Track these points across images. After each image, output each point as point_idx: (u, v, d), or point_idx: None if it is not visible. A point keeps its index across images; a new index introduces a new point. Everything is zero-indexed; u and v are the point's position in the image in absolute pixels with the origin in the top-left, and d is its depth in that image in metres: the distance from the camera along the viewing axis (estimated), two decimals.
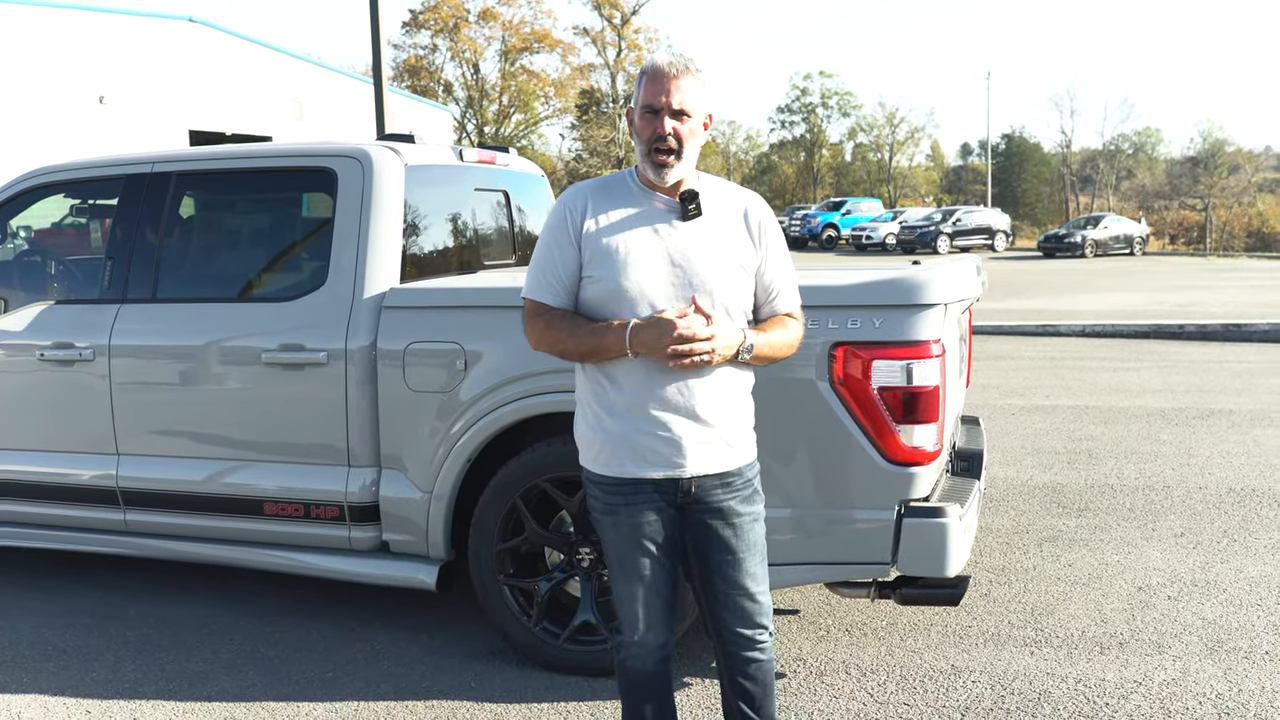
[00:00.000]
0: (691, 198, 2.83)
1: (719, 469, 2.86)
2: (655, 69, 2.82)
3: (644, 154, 2.82)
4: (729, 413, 2.87)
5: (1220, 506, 6.28)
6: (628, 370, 2.80)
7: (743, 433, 2.93)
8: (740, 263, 2.86)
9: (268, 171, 4.77)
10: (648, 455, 2.82)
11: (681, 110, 2.79)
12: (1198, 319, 15.35)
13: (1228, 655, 4.24)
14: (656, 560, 2.92)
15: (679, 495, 2.86)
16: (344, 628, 4.69)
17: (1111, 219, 44.04)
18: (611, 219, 2.85)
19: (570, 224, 2.87)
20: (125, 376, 4.65)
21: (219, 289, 4.72)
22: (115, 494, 4.73)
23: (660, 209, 2.86)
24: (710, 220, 2.86)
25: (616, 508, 2.89)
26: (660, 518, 2.88)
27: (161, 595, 5.12)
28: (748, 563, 2.92)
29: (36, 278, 5.40)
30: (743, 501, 2.91)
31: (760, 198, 2.99)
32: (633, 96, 2.88)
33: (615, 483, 2.87)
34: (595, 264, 2.82)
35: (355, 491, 4.36)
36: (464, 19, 76.29)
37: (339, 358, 4.32)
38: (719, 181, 2.98)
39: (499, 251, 5.45)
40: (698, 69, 2.85)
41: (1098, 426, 8.60)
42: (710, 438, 2.84)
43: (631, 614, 2.98)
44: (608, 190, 2.90)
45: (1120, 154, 79.66)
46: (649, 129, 2.80)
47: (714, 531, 2.89)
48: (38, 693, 4.14)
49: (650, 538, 2.89)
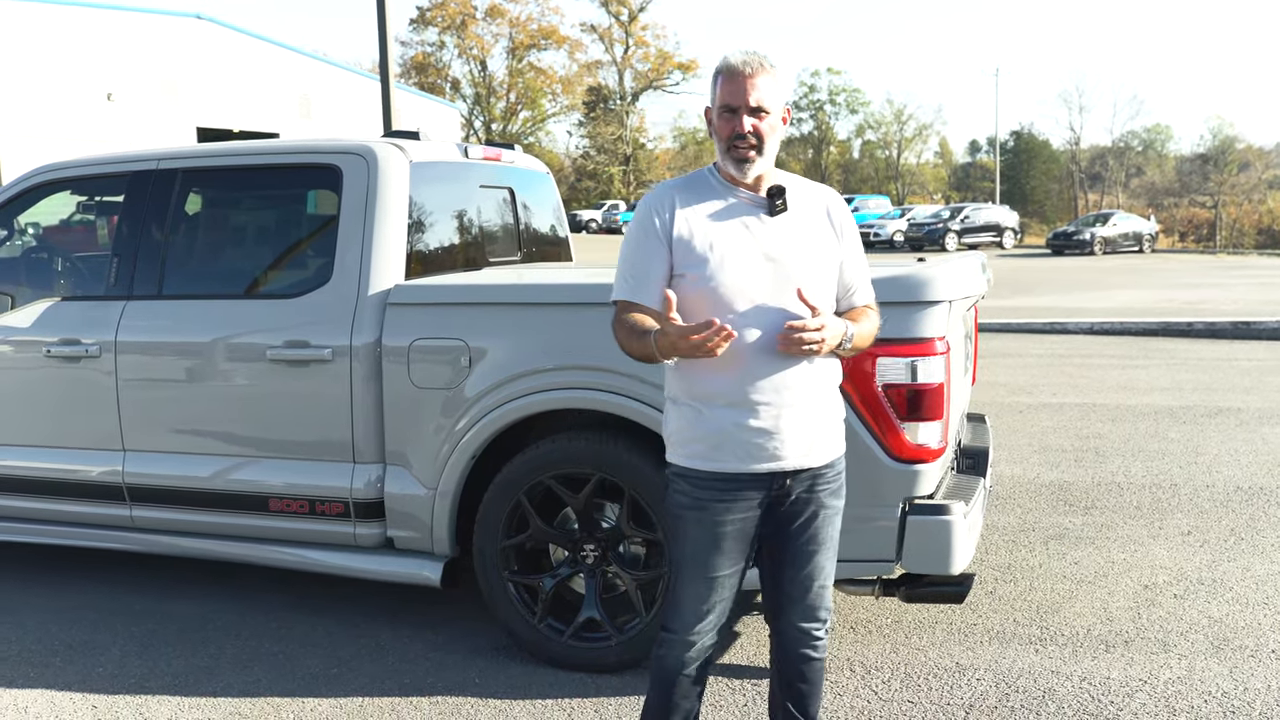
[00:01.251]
0: (779, 193, 2.84)
1: (817, 462, 2.88)
2: (730, 68, 2.80)
3: (724, 151, 2.82)
4: (825, 404, 2.89)
5: (1228, 505, 6.26)
6: (725, 363, 2.75)
7: (837, 424, 2.95)
8: (826, 258, 2.87)
9: (273, 168, 4.78)
10: (751, 449, 2.81)
11: (759, 107, 2.78)
12: (1207, 316, 15.30)
13: (1234, 653, 4.23)
14: (731, 561, 2.90)
15: (774, 489, 2.85)
16: (349, 624, 4.70)
17: (1120, 216, 43.95)
18: (700, 217, 2.84)
19: (659, 223, 2.85)
20: (131, 373, 4.66)
21: (225, 285, 4.73)
22: (121, 490, 4.74)
23: (747, 204, 2.85)
24: (797, 215, 2.87)
25: (706, 503, 2.86)
26: (748, 515, 2.87)
27: (168, 591, 5.13)
28: (820, 556, 2.94)
29: (43, 274, 5.42)
30: (832, 495, 2.94)
31: (839, 196, 3.01)
32: (710, 96, 2.87)
33: (712, 477, 2.85)
34: (687, 262, 2.81)
35: (360, 488, 4.37)
36: (471, 16, 76.37)
37: (344, 354, 4.32)
38: (796, 177, 2.97)
39: (504, 248, 5.45)
40: (772, 64, 2.83)
41: (1105, 424, 8.58)
42: (809, 429, 2.84)
43: (689, 612, 2.95)
44: (692, 188, 2.90)
45: (1130, 151, 79.52)
46: (728, 127, 2.80)
47: (799, 523, 2.90)
48: (44, 687, 4.15)
49: (732, 536, 2.87)
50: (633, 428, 4.06)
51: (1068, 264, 33.97)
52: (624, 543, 4.17)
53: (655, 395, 3.94)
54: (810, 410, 2.84)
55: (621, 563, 4.16)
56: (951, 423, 4.10)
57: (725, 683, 4.08)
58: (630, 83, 78.96)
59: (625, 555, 4.19)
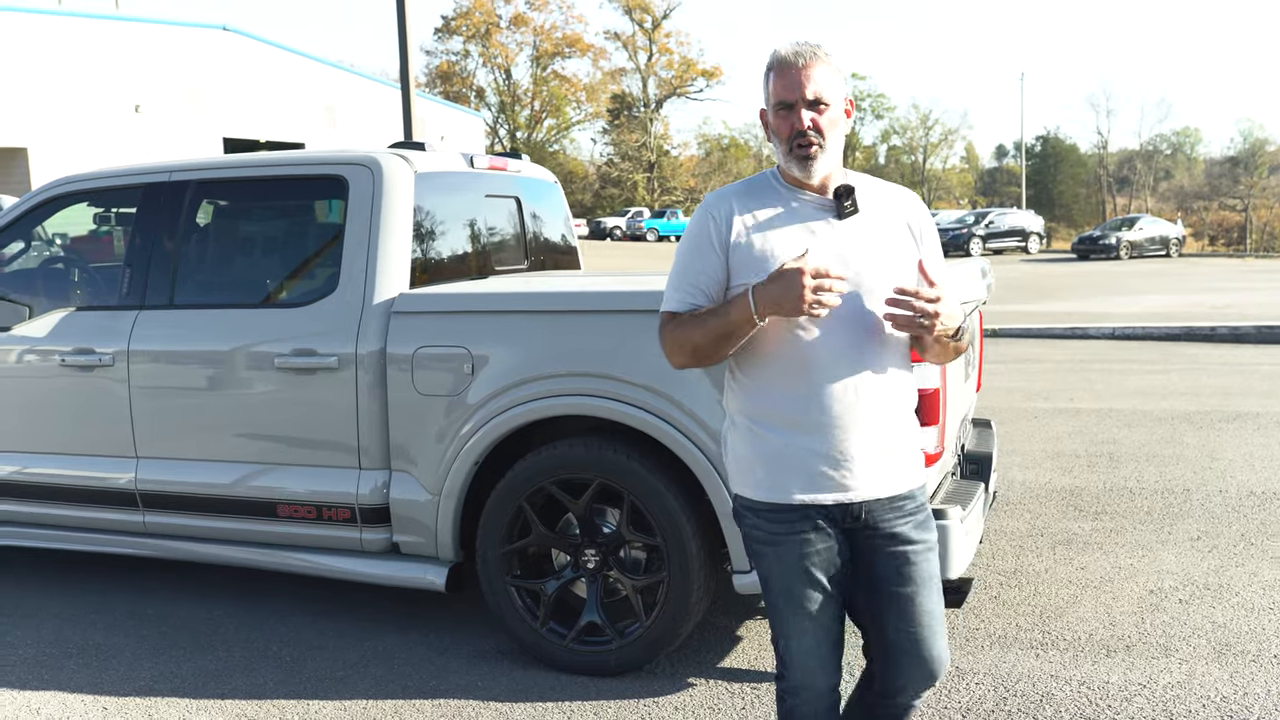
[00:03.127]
0: (847, 193, 2.59)
1: (891, 491, 2.62)
2: (781, 60, 2.56)
3: (785, 153, 2.58)
4: (898, 427, 2.64)
5: (1239, 510, 6.24)
6: (786, 379, 2.56)
7: (912, 450, 2.69)
8: (902, 261, 2.61)
9: (281, 180, 4.86)
10: (814, 477, 2.57)
11: (818, 99, 2.54)
12: (1231, 321, 15.20)
13: (1235, 658, 4.23)
14: (826, 593, 2.65)
15: (847, 521, 2.61)
16: (355, 628, 4.76)
17: (1147, 220, 43.67)
18: (761, 223, 2.61)
19: (715, 231, 2.62)
20: (144, 381, 4.74)
21: (234, 295, 4.80)
22: (134, 496, 4.82)
23: (812, 207, 2.61)
24: (869, 217, 2.61)
25: (780, 537, 2.63)
26: (829, 546, 2.62)
27: (179, 596, 5.21)
28: (923, 597, 2.64)
29: (60, 285, 5.52)
30: (916, 527, 2.65)
31: (916, 195, 2.77)
32: (764, 95, 2.62)
33: (778, 509, 2.62)
34: (746, 271, 2.57)
35: (366, 494, 4.43)
36: (495, 25, 76.77)
37: (350, 362, 4.39)
38: (868, 177, 2.73)
39: (511, 257, 5.51)
40: (827, 53, 2.58)
41: (1120, 430, 8.55)
42: (880, 455, 2.59)
43: (800, 653, 2.70)
44: (752, 193, 2.66)
45: (1158, 154, 79.04)
46: (785, 125, 2.55)
47: (885, 562, 2.63)
48: (57, 689, 4.23)
49: (819, 568, 2.63)
50: (631, 433, 4.11)
51: (1092, 269, 33.78)
52: (624, 548, 4.21)
53: (653, 401, 3.99)
54: (882, 433, 2.59)
55: (622, 567, 4.20)
56: (950, 428, 4.13)
57: (724, 686, 4.11)
58: (654, 90, 79.09)
59: (626, 560, 4.23)
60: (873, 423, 2.57)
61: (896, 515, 2.62)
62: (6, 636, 4.76)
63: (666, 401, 3.99)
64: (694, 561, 4.03)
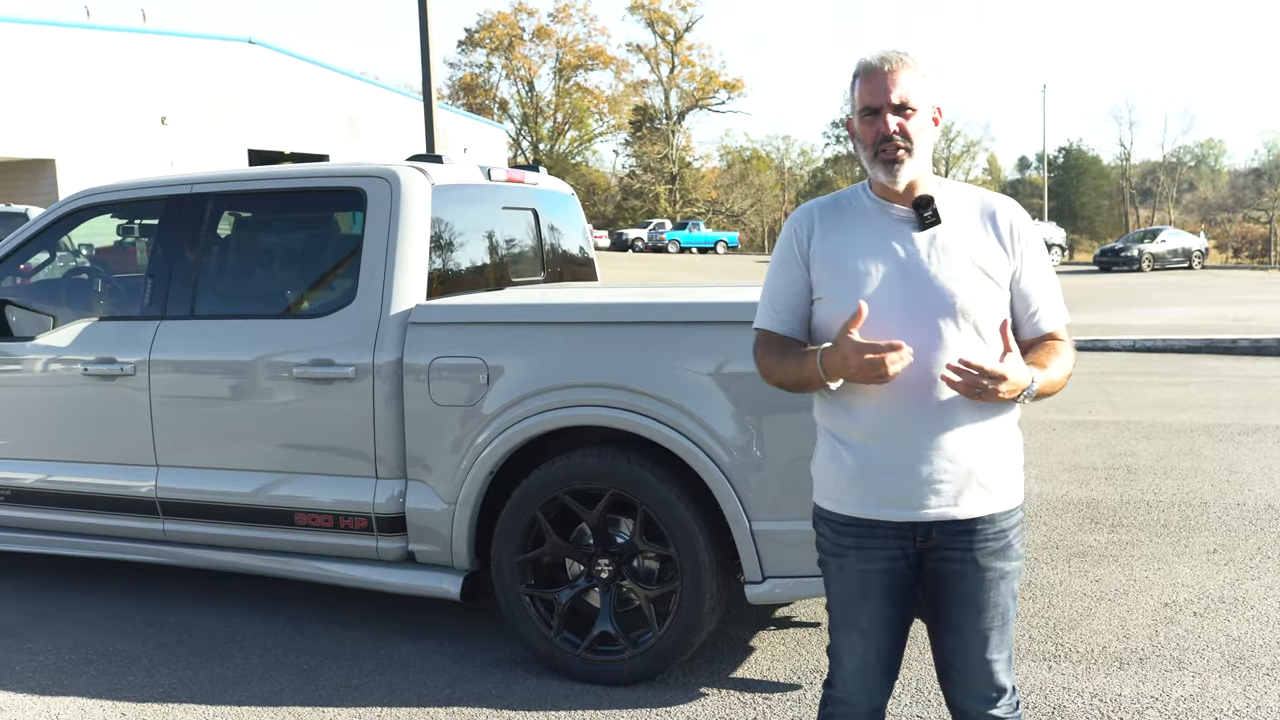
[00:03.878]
0: (926, 204, 2.53)
1: (967, 515, 2.53)
2: (868, 67, 2.54)
3: (870, 159, 2.53)
4: (985, 450, 2.53)
5: (1256, 523, 6.22)
6: (866, 395, 2.51)
7: (1001, 474, 2.57)
8: (990, 274, 2.52)
9: (300, 192, 4.92)
10: (886, 494, 2.53)
11: (904, 104, 2.50)
12: (1253, 333, 15.12)
13: (1249, 672, 4.22)
14: (883, 614, 2.62)
15: (917, 540, 2.56)
16: (371, 635, 4.80)
17: (1169, 232, 43.46)
18: (840, 234, 2.59)
19: (797, 244, 2.63)
20: (164, 391, 4.80)
21: (254, 305, 4.85)
22: (154, 504, 4.88)
23: (894, 220, 2.56)
24: (952, 227, 2.55)
25: (845, 550, 2.61)
26: (893, 566, 2.58)
27: (197, 603, 5.26)
28: (982, 622, 2.58)
29: (83, 295, 5.60)
30: (990, 555, 2.55)
31: (1015, 203, 2.65)
32: (850, 103, 2.59)
33: (846, 522, 2.60)
34: (823, 284, 2.58)
35: (383, 503, 4.47)
36: (519, 37, 77.09)
37: (367, 373, 4.44)
38: (962, 185, 2.67)
39: (527, 269, 5.56)
40: (915, 60, 2.55)
41: (1139, 442, 8.53)
42: (960, 477, 2.51)
43: (847, 670, 2.69)
44: (837, 206, 2.65)
45: (1181, 166, 78.63)
46: (871, 131, 2.52)
47: (951, 584, 2.58)
48: (76, 695, 4.28)
49: (880, 586, 2.60)
50: (644, 444, 4.14)
51: (1114, 281, 33.63)
52: (638, 557, 4.24)
53: (666, 412, 4.02)
54: (964, 454, 2.50)
55: (635, 577, 4.23)
56: None
57: (736, 696, 4.13)
58: (676, 102, 79.23)
59: (639, 570, 4.26)
60: (954, 443, 2.50)
61: (972, 540, 2.54)
62: (27, 643, 4.82)
63: (680, 413, 4.02)
64: (706, 572, 4.06)
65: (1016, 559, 2.60)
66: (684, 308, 4.19)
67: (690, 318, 4.12)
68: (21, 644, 4.81)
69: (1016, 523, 2.60)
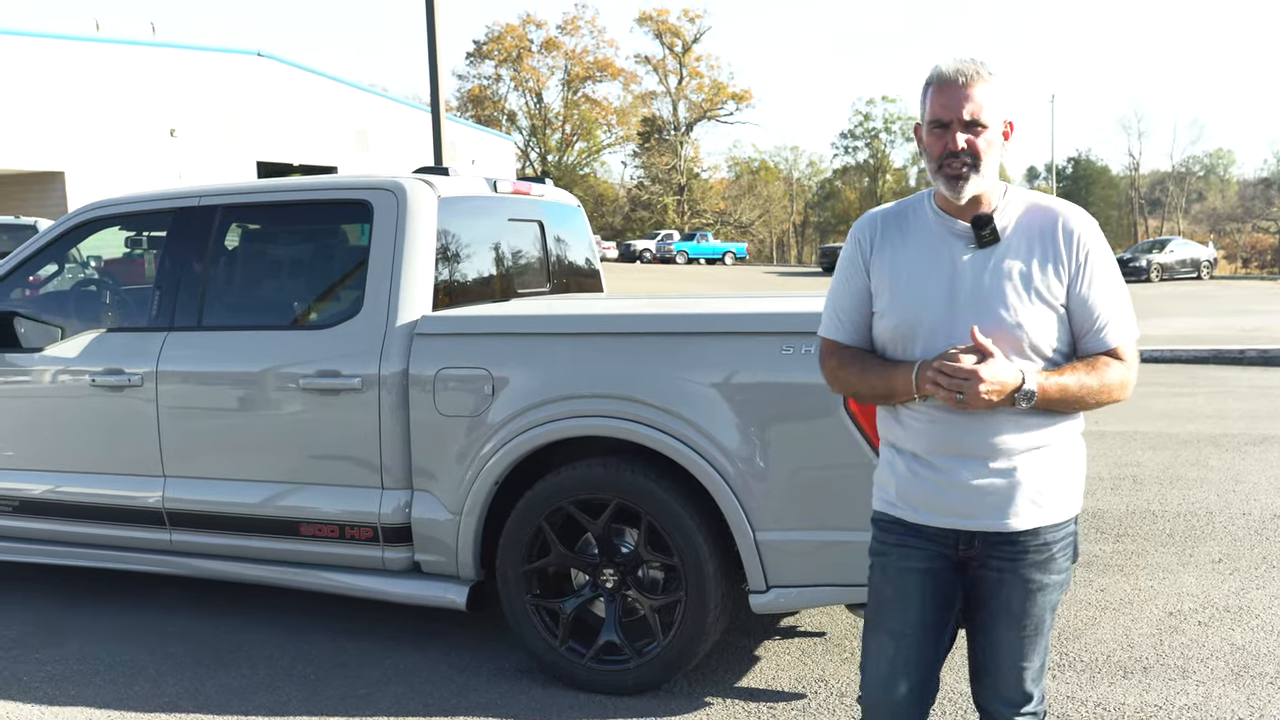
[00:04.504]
0: (984, 222, 2.51)
1: (1012, 527, 2.52)
2: (942, 77, 2.49)
3: (935, 171, 2.51)
4: (1035, 463, 2.52)
5: (1262, 533, 6.22)
6: (916, 410, 2.55)
7: (1051, 488, 2.54)
8: (1044, 291, 2.49)
9: (307, 204, 4.95)
10: (929, 500, 2.56)
11: (975, 120, 2.46)
12: (1261, 344, 15.10)
13: (1253, 680, 4.22)
14: (918, 617, 2.62)
15: (959, 549, 2.57)
16: (376, 645, 4.82)
17: (1178, 242, 43.38)
18: (900, 247, 2.59)
19: (860, 253, 2.64)
20: (171, 402, 4.83)
21: (260, 317, 4.88)
22: (162, 515, 4.91)
23: (953, 236, 2.54)
24: (1010, 245, 2.51)
25: (888, 549, 2.65)
26: (933, 567, 2.59)
27: (205, 613, 5.28)
28: (1014, 633, 2.59)
29: (91, 306, 5.64)
30: (1032, 566, 2.55)
31: (1083, 213, 2.58)
32: (920, 111, 2.57)
33: (891, 521, 2.65)
34: (881, 296, 2.59)
35: (388, 513, 4.49)
36: (527, 49, 77.32)
37: (373, 383, 4.46)
38: (1030, 196, 2.62)
39: (533, 280, 5.58)
40: (991, 72, 2.51)
41: (1145, 452, 8.53)
42: (1006, 489, 2.50)
43: (874, 670, 2.69)
44: (900, 216, 2.64)
45: (1190, 176, 78.56)
46: (939, 145, 2.49)
47: (989, 591, 2.59)
48: (84, 705, 4.30)
49: (916, 590, 2.61)
50: (649, 455, 4.15)
51: None
52: (642, 567, 4.25)
53: (671, 423, 4.04)
54: (1012, 466, 2.50)
55: (640, 587, 4.25)
56: None
57: (741, 705, 4.14)
58: (684, 113, 79.45)
59: (644, 580, 4.27)
60: (1002, 455, 2.49)
61: (1015, 551, 2.54)
62: (34, 653, 4.84)
63: (684, 423, 4.03)
64: (711, 581, 4.07)
65: (1059, 572, 2.59)
66: (689, 319, 4.21)
67: (695, 329, 4.14)
68: (29, 654, 4.84)
69: (1064, 536, 2.58)
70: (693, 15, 76.93)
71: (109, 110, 32.06)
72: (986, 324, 2.45)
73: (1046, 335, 2.49)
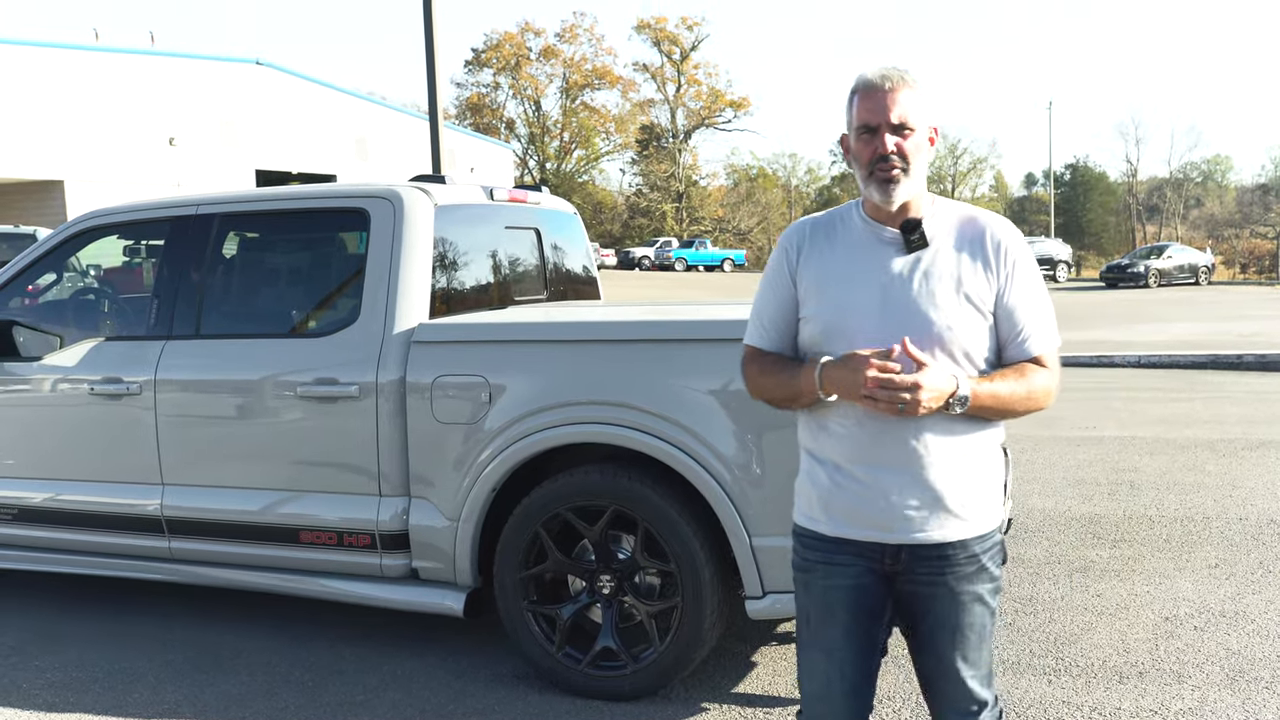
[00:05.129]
0: (913, 227, 2.51)
1: (938, 539, 2.50)
2: (867, 84, 2.50)
3: (865, 177, 2.51)
4: (960, 475, 2.50)
5: (1259, 538, 6.23)
6: (841, 416, 2.51)
7: (975, 499, 2.53)
8: (973, 297, 2.50)
9: (305, 212, 4.97)
10: (853, 513, 2.52)
11: (903, 124, 2.48)
12: (1258, 349, 15.12)
13: (1248, 685, 4.24)
14: (849, 634, 2.59)
15: (885, 562, 2.54)
16: (374, 652, 4.83)
17: (1176, 248, 43.48)
18: (828, 254, 2.58)
19: (786, 262, 2.63)
20: (170, 410, 4.85)
21: (258, 325, 4.90)
22: (160, 522, 4.92)
23: (883, 243, 2.54)
24: (938, 250, 2.52)
25: (812, 565, 2.61)
26: (860, 584, 2.56)
27: (203, 620, 5.30)
28: (957, 643, 2.56)
29: (89, 315, 5.66)
30: (962, 579, 2.53)
31: (1008, 223, 2.60)
32: (846, 120, 2.56)
33: (814, 538, 2.60)
34: (807, 303, 2.58)
35: (386, 520, 4.50)
36: (525, 57, 77.41)
37: (370, 391, 4.48)
38: (957, 205, 2.62)
39: (530, 288, 5.60)
40: (915, 79, 2.52)
41: (1142, 457, 8.54)
42: (931, 503, 2.49)
43: (809, 694, 2.67)
44: (829, 225, 2.63)
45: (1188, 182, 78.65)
46: (868, 150, 2.49)
47: (924, 606, 2.56)
48: (83, 712, 4.31)
49: (845, 606, 2.58)
50: (646, 461, 4.17)
51: (1120, 297, 33.63)
52: (639, 573, 4.27)
53: (667, 429, 4.06)
54: (936, 479, 2.48)
55: (637, 593, 4.26)
56: None
57: (738, 711, 4.16)
58: (683, 121, 79.53)
59: (640, 586, 4.28)
60: (926, 467, 2.47)
61: (943, 565, 2.52)
62: (33, 661, 4.86)
63: (681, 430, 4.05)
64: (707, 588, 4.09)
65: (990, 580, 2.58)
66: (685, 326, 4.23)
67: (691, 335, 4.16)
68: (28, 661, 4.85)
69: (991, 545, 2.57)
70: (691, 23, 77.06)
71: (108, 119, 32.11)
72: (917, 328, 2.44)
73: (976, 341, 2.50)
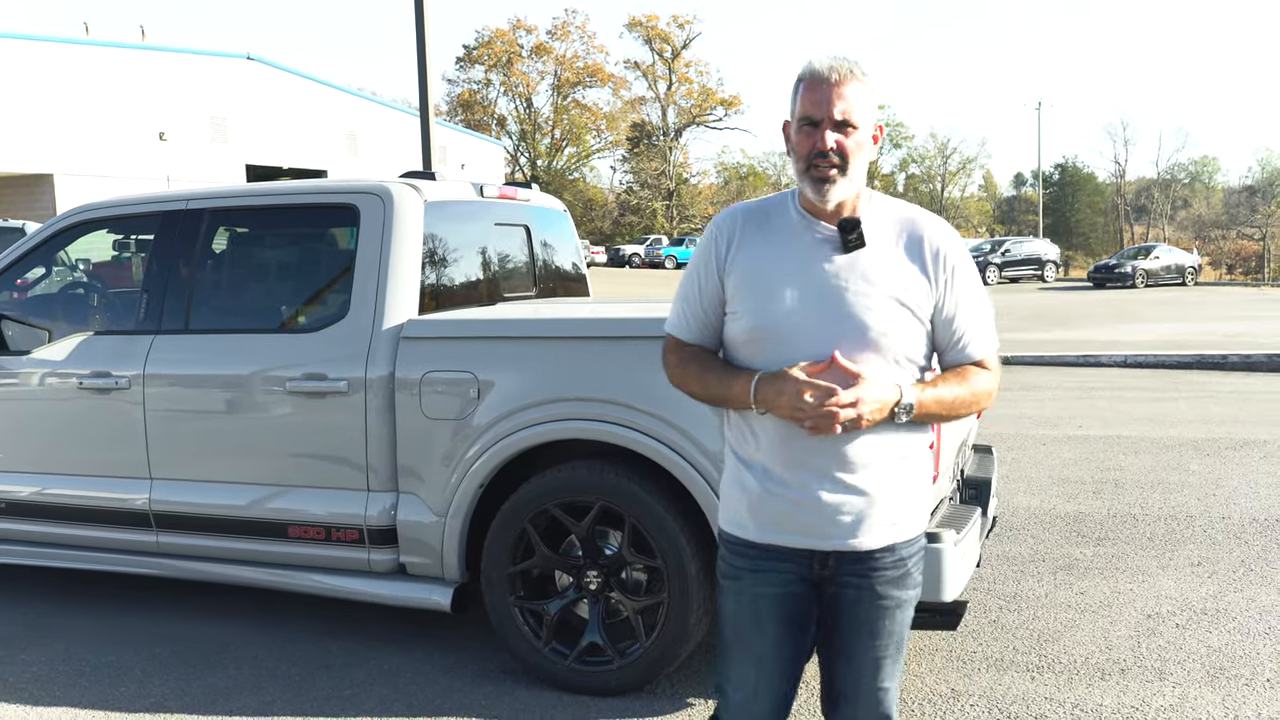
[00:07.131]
0: (851, 226, 2.41)
1: (866, 545, 2.46)
2: (814, 74, 2.39)
3: (802, 172, 2.41)
4: (886, 480, 2.45)
5: (1241, 537, 6.28)
6: (774, 421, 2.42)
7: (903, 504, 2.49)
8: (910, 303, 2.42)
9: (294, 208, 4.99)
10: (782, 519, 2.46)
11: (845, 121, 2.37)
12: (1243, 349, 15.20)
13: (1229, 682, 4.28)
14: (776, 645, 2.54)
15: (814, 568, 2.49)
16: (362, 647, 4.85)
17: (1163, 249, 43.65)
18: (760, 248, 2.47)
19: (715, 251, 2.52)
20: (159, 404, 4.85)
21: (247, 320, 4.91)
22: (148, 517, 4.93)
23: (818, 238, 2.44)
24: (876, 252, 2.42)
25: (741, 572, 2.53)
26: (789, 592, 2.51)
27: (190, 615, 5.30)
28: (875, 649, 2.53)
29: (79, 309, 5.66)
30: (888, 583, 2.49)
31: (946, 225, 2.53)
32: (790, 107, 2.46)
33: (743, 545, 2.53)
34: (736, 298, 2.47)
35: (374, 515, 4.52)
36: (517, 54, 77.34)
37: (359, 386, 4.49)
38: (895, 204, 2.54)
39: (519, 284, 5.62)
40: (864, 72, 2.41)
41: (1127, 456, 8.59)
42: (860, 508, 2.44)
43: (737, 700, 2.60)
44: (764, 215, 2.52)
45: (1176, 183, 78.93)
46: (807, 144, 2.39)
47: (846, 610, 2.51)
48: (69, 706, 4.32)
49: (774, 617, 2.52)
50: (633, 457, 4.19)
51: (1108, 297, 33.75)
52: (626, 569, 4.29)
53: (654, 426, 4.08)
54: (864, 484, 2.43)
55: (623, 589, 4.28)
56: (945, 453, 4.20)
57: None
58: (673, 119, 79.50)
59: (627, 581, 4.31)
60: (855, 472, 2.42)
61: (871, 568, 2.48)
62: (20, 655, 4.86)
63: (668, 426, 4.07)
64: (694, 584, 4.11)
65: (914, 587, 2.55)
66: None
67: None
68: (14, 655, 4.85)
69: (917, 551, 2.55)
70: (682, 21, 77.07)
71: (98, 113, 32.03)
72: (852, 333, 2.38)
73: (913, 346, 2.44)
